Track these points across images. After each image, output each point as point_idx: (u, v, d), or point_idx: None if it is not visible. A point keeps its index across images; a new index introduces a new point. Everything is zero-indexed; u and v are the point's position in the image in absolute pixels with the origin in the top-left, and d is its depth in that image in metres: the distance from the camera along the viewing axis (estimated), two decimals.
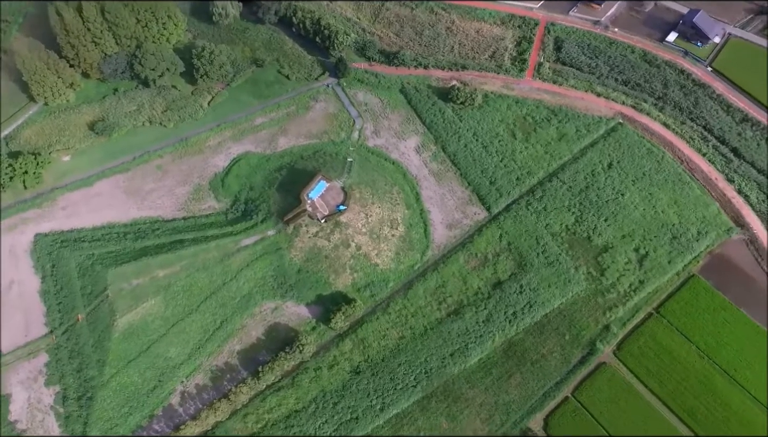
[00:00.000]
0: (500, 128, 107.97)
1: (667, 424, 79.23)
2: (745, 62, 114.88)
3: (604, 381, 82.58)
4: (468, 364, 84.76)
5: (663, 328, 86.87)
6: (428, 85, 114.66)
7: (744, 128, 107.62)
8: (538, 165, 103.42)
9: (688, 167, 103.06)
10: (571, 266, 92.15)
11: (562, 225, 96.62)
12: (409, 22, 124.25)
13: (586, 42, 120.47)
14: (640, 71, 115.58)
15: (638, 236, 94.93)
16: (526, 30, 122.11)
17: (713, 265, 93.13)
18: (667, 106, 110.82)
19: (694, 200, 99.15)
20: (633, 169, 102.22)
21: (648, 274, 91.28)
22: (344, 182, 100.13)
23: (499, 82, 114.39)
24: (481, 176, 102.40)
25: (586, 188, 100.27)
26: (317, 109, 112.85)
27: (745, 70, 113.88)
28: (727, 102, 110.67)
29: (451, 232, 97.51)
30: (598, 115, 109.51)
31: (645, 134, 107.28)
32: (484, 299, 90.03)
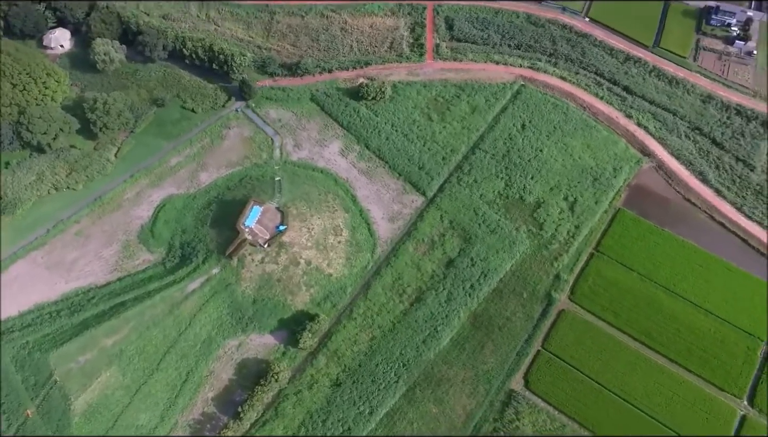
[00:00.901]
0: (415, 114, 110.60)
1: (631, 350, 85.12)
2: (616, 7, 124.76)
3: (567, 326, 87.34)
4: (441, 346, 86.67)
5: (605, 264, 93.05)
6: (337, 88, 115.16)
7: (629, 67, 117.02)
8: (459, 141, 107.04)
9: (591, 112, 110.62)
10: (512, 229, 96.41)
11: (495, 192, 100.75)
12: (303, 31, 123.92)
13: (474, 16, 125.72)
14: (529, 33, 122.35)
15: (564, 186, 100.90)
16: (416, 16, 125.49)
17: (633, 196, 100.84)
18: (559, 60, 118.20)
19: (603, 141, 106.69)
20: (544, 125, 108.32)
21: (581, 218, 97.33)
22: (278, 202, 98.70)
23: (403, 71, 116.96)
24: (409, 164, 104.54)
25: (507, 152, 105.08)
26: (232, 136, 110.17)
27: (618, 14, 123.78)
28: (609, 46, 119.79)
29: (394, 225, 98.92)
30: (501, 82, 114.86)
31: (546, 90, 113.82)
32: (440, 280, 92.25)
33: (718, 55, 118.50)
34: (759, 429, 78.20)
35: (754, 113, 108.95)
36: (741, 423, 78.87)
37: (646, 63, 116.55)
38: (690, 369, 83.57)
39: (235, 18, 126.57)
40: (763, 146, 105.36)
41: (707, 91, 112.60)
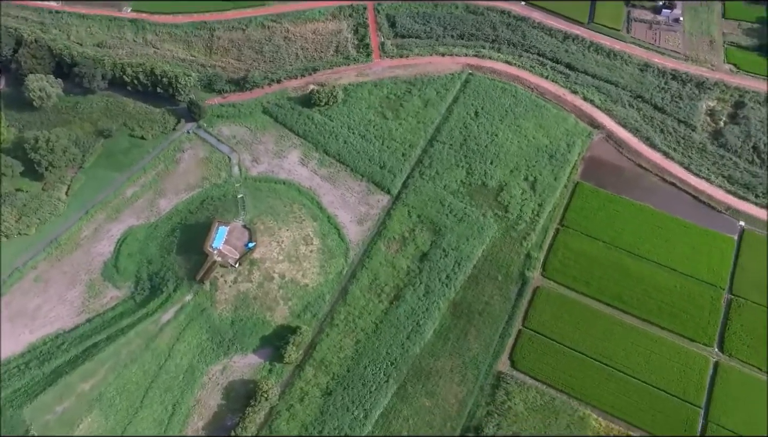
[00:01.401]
0: (370, 114, 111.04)
1: (606, 316, 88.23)
2: None
3: (544, 302, 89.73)
4: (426, 339, 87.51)
5: (571, 237, 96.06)
6: (288, 98, 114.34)
7: (568, 45, 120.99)
8: (416, 136, 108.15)
9: (538, 93, 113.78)
10: (478, 215, 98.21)
11: (458, 181, 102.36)
12: (246, 44, 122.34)
13: (414, 11, 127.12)
14: (469, 22, 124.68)
15: (523, 167, 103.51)
16: (358, 17, 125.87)
17: (589, 168, 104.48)
18: (502, 45, 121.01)
19: (553, 118, 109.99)
20: (496, 110, 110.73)
21: (542, 196, 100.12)
22: (243, 220, 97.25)
23: (353, 73, 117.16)
24: (370, 164, 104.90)
25: (464, 140, 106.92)
26: (187, 159, 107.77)
27: None
28: (547, 27, 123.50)
29: (363, 226, 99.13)
30: (449, 73, 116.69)
31: (494, 76, 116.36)
32: (416, 275, 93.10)
33: (648, 25, 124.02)
34: (732, 372, 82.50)
35: (688, 76, 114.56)
36: (715, 369, 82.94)
37: (583, 39, 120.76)
38: (662, 326, 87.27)
39: (174, 38, 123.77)
40: (701, 106, 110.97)
41: (643, 60, 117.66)
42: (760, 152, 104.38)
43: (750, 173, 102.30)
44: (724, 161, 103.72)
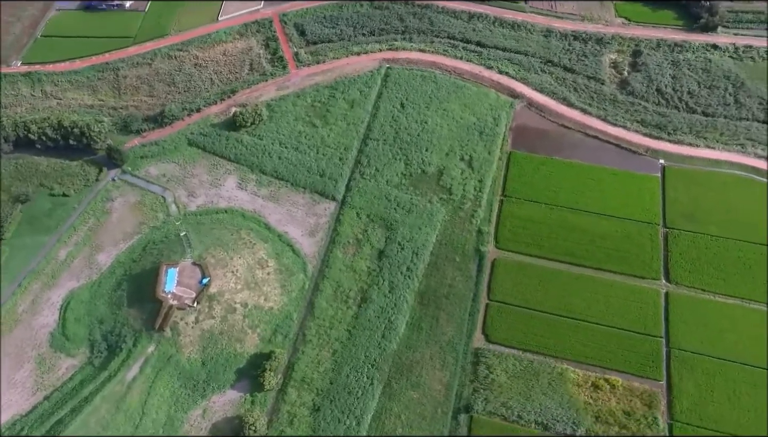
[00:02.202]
0: (299, 126, 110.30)
1: (562, 272, 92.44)
2: None
3: (503, 273, 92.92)
4: (400, 334, 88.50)
5: (515, 205, 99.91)
6: (212, 125, 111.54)
7: (475, 24, 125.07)
8: (349, 138, 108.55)
9: (456, 74, 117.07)
10: (425, 203, 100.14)
11: (398, 174, 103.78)
12: (155, 78, 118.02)
13: (321, 16, 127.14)
14: (377, 18, 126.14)
15: (457, 148, 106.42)
16: (265, 31, 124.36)
17: (517, 136, 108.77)
18: (413, 35, 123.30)
19: (475, 96, 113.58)
20: (420, 98, 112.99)
21: (481, 172, 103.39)
22: (192, 257, 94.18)
23: (272, 88, 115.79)
24: (310, 175, 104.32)
25: (396, 133, 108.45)
26: (118, 207, 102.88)
27: None
28: (451, 10, 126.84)
29: (315, 237, 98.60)
30: (368, 70, 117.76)
31: (411, 65, 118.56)
32: (378, 273, 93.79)
33: None
34: (681, 298, 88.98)
35: (587, 35, 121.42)
36: (666, 299, 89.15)
37: (488, 16, 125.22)
38: (613, 270, 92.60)
39: (76, 85, 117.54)
40: (604, 61, 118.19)
41: (545, 26, 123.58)
42: (664, 93, 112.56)
43: (659, 113, 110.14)
44: (635, 107, 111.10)
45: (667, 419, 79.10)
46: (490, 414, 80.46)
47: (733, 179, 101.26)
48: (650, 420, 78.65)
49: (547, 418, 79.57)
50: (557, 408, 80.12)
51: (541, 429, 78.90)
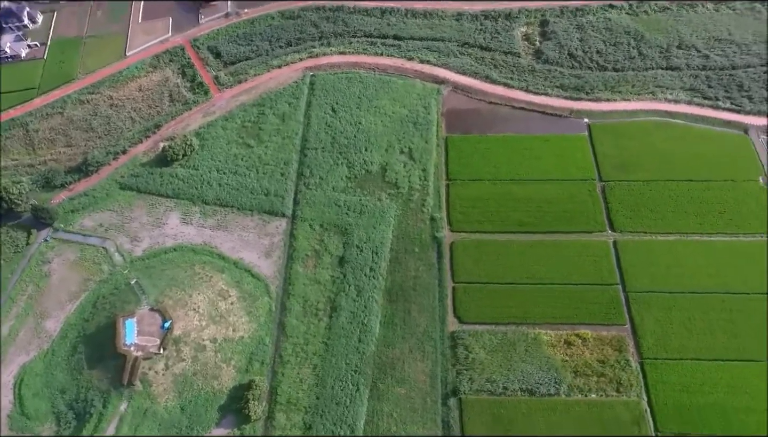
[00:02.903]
0: (233, 149, 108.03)
1: (517, 243, 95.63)
2: None
3: (462, 254, 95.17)
4: (376, 334, 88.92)
5: (460, 187, 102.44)
6: (141, 165, 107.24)
7: (388, 19, 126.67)
8: (286, 152, 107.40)
9: (380, 70, 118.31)
10: (375, 201, 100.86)
11: (343, 178, 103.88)
12: (71, 127, 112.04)
13: (233, 35, 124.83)
14: (290, 28, 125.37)
15: (395, 142, 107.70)
16: (179, 59, 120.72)
17: (450, 121, 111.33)
18: (330, 39, 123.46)
19: (403, 89, 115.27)
20: (350, 100, 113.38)
21: (423, 161, 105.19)
22: (148, 303, 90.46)
23: (198, 116, 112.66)
24: (254, 196, 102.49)
25: (333, 139, 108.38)
26: (57, 268, 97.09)
27: None
28: (362, 8, 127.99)
29: (273, 257, 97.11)
30: (292, 82, 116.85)
31: (334, 69, 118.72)
32: (342, 280, 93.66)
33: None
34: (627, 244, 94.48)
35: (496, 12, 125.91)
36: (615, 248, 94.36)
37: (399, 9, 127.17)
38: (562, 231, 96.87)
39: None
40: (516, 34, 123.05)
41: (455, 10, 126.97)
42: (575, 57, 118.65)
43: (575, 76, 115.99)
44: (553, 74, 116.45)
45: (637, 359, 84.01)
46: (477, 393, 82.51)
47: (651, 125, 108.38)
48: (623, 363, 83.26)
49: (530, 384, 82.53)
50: (538, 372, 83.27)
51: (527, 395, 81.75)
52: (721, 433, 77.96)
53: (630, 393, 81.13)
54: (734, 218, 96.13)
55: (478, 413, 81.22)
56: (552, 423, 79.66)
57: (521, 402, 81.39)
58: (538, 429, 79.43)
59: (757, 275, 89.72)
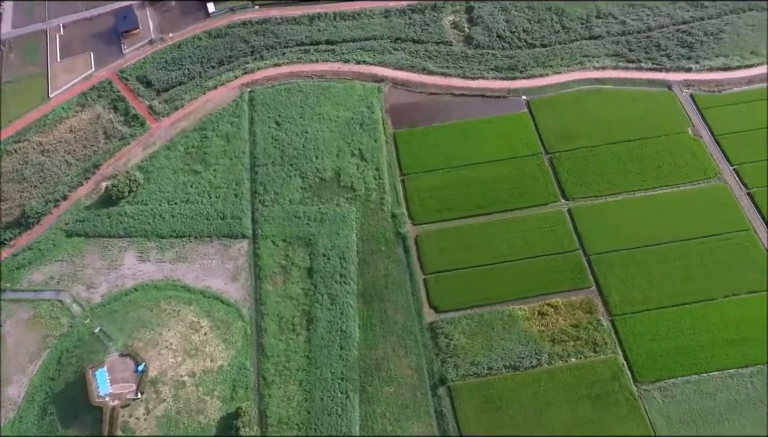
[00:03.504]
0: (181, 177, 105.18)
1: (477, 225, 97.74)
2: None
3: (427, 244, 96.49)
4: (357, 339, 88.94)
5: (415, 180, 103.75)
6: (85, 208, 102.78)
7: (317, 24, 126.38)
8: (235, 172, 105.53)
9: (318, 77, 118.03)
10: (334, 207, 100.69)
11: (298, 190, 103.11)
12: (1, 180, 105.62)
13: (161, 61, 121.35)
14: (220, 47, 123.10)
15: (345, 146, 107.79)
16: (108, 94, 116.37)
17: (395, 116, 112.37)
18: (262, 52, 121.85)
19: (343, 92, 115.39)
20: (292, 111, 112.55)
21: (374, 161, 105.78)
22: (117, 349, 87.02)
23: (138, 149, 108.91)
24: (210, 222, 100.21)
25: (281, 152, 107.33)
26: (11, 330, 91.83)
27: None
28: (290, 17, 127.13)
29: (240, 280, 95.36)
30: (230, 100, 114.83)
31: (271, 82, 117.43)
32: (314, 291, 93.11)
33: None
34: (580, 210, 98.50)
35: (421, 5, 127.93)
36: (570, 215, 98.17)
37: (327, 14, 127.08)
38: (519, 207, 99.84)
39: None
40: (445, 24, 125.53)
41: (382, 8, 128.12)
42: (504, 38, 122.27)
43: (507, 56, 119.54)
44: (486, 58, 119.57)
45: (607, 317, 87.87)
46: (464, 377, 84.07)
47: (584, 94, 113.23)
48: (595, 324, 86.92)
49: (513, 359, 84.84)
50: (518, 347, 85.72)
51: (512, 371, 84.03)
52: (693, 371, 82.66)
53: (606, 350, 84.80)
54: (672, 169, 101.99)
55: (468, 397, 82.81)
56: (539, 394, 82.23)
57: (507, 379, 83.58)
58: (526, 401, 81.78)
59: (702, 219, 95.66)
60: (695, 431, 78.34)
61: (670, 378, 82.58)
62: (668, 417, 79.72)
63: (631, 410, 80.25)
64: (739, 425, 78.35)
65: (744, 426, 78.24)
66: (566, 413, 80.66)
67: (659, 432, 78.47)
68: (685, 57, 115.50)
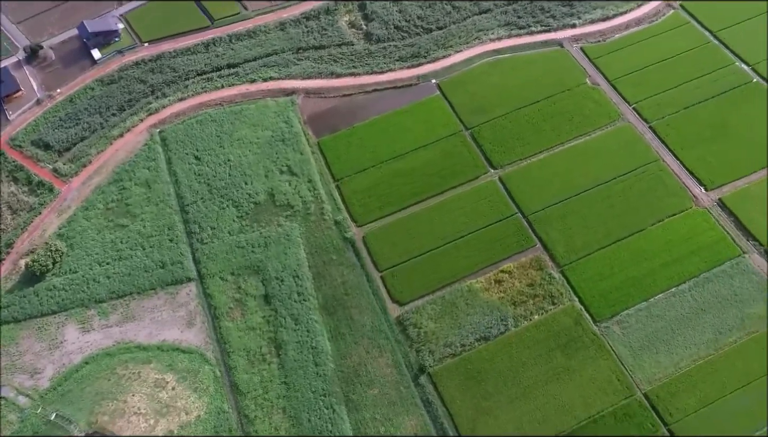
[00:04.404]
0: (107, 235, 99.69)
1: (420, 212, 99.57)
2: (161, 19, 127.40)
3: (376, 243, 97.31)
4: (329, 351, 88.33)
5: (350, 183, 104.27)
6: (8, 292, 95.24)
7: (213, 49, 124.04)
8: (164, 217, 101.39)
9: (228, 103, 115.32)
10: (275, 228, 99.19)
11: (234, 219, 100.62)
12: None
13: (55, 119, 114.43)
14: (116, 92, 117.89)
15: (271, 165, 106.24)
16: (3, 166, 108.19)
17: (315, 125, 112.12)
18: (164, 89, 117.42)
19: (258, 112, 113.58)
20: (209, 142, 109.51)
21: (305, 173, 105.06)
22: (80, 431, 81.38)
23: (53, 217, 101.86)
24: (151, 273, 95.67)
25: (208, 185, 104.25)
26: None
27: (163, 21, 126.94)
28: (184, 49, 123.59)
29: (196, 325, 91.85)
30: (141, 145, 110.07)
31: (180, 118, 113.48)
32: (275, 316, 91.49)
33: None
34: (510, 175, 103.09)
35: (314, 11, 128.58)
36: (502, 182, 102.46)
37: (221, 37, 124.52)
38: (453, 186, 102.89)
39: None
40: (342, 25, 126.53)
41: (276, 21, 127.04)
42: (402, 28, 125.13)
43: (408, 45, 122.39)
44: (389, 50, 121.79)
45: (557, 270, 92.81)
46: (441, 361, 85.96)
47: (487, 66, 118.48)
48: (548, 278, 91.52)
49: (482, 331, 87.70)
50: (484, 318, 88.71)
51: (483, 342, 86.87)
52: (641, 299, 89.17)
53: (563, 300, 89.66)
54: (581, 120, 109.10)
55: (449, 378, 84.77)
56: (513, 357, 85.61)
57: (481, 351, 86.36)
58: (503, 367, 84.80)
59: (616, 160, 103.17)
60: (655, 351, 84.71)
61: (624, 310, 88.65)
62: (630, 346, 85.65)
63: (598, 349, 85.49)
64: (690, 336, 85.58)
65: (693, 337, 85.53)
66: (542, 367, 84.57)
67: (626, 362, 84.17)
68: (568, 15, 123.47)
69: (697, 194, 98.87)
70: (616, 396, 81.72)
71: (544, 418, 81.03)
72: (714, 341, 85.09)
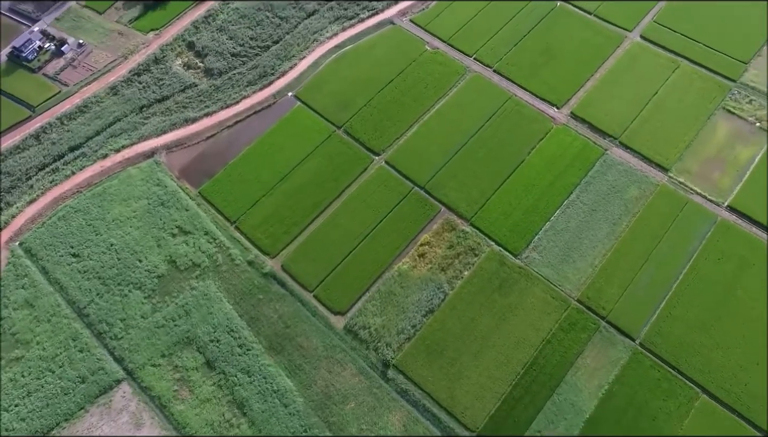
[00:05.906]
0: (3, 376, 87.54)
1: (325, 222, 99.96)
2: None
3: (297, 267, 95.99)
4: (292, 388, 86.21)
5: (247, 219, 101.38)
6: None
7: (49, 137, 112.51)
8: (63, 330, 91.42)
9: (85, 187, 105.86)
10: (190, 293, 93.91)
11: (142, 303, 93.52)
12: None
13: None
14: None
15: (160, 233, 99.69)
16: None
17: (190, 177, 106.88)
18: (6, 198, 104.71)
19: (123, 185, 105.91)
20: (81, 235, 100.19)
21: (199, 227, 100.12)
22: None
23: None
24: (71, 394, 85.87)
25: (99, 278, 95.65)
26: None
27: None
28: (15, 147, 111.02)
29: (147, 422, 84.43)
30: (4, 268, 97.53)
31: (38, 222, 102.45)
32: (224, 378, 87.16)
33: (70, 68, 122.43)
34: (394, 156, 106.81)
35: (143, 66, 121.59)
36: (389, 164, 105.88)
37: (50, 123, 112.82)
38: (347, 185, 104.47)
39: None
40: (177, 69, 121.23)
41: (107, 88, 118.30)
42: (239, 54, 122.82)
43: (252, 68, 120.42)
44: (235, 79, 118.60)
45: (467, 224, 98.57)
46: (400, 348, 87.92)
47: (334, 63, 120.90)
48: (462, 235, 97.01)
49: (424, 307, 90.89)
50: (422, 293, 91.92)
51: (430, 315, 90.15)
52: (544, 221, 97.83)
53: (482, 248, 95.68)
54: (435, 83, 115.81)
55: (413, 361, 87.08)
56: (461, 316, 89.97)
57: (432, 324, 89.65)
58: (457, 330, 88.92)
59: (478, 108, 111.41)
60: (572, 260, 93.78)
61: (534, 236, 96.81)
62: (551, 264, 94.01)
63: (527, 278, 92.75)
64: (593, 236, 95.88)
65: (595, 235, 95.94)
66: (488, 315, 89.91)
67: (553, 280, 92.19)
68: None
69: (553, 115, 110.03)
70: (557, 312, 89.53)
71: (507, 358, 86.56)
72: (611, 233, 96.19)
